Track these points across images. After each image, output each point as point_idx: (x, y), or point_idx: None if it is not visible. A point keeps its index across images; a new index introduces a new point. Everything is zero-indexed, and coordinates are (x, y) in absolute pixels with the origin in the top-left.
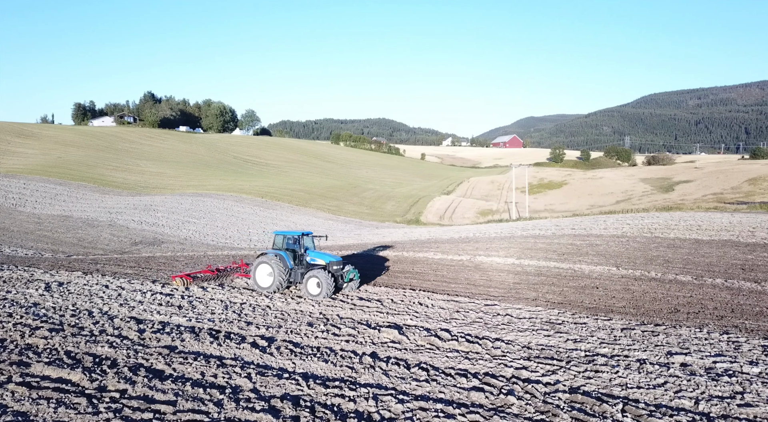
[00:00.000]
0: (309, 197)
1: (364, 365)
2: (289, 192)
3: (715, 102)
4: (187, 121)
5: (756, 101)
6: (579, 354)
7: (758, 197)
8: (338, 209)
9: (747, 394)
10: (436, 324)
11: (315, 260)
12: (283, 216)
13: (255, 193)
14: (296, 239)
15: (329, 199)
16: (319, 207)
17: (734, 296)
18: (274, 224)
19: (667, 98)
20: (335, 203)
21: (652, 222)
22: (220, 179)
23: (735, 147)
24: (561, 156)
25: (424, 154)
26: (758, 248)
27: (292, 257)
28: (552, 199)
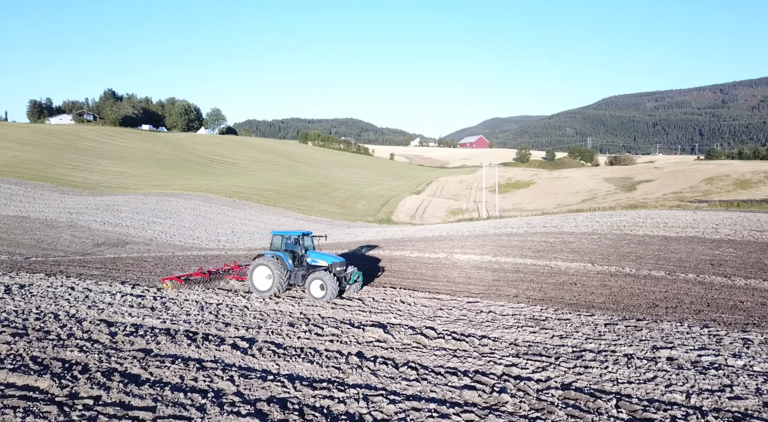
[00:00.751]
0: (278, 196)
1: (351, 365)
2: (257, 192)
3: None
4: (150, 119)
5: (709, 104)
6: (566, 350)
7: (715, 196)
8: (309, 209)
9: (736, 387)
10: (420, 322)
11: (316, 262)
12: (252, 216)
13: (222, 193)
14: (296, 239)
15: (299, 198)
16: (288, 207)
17: (707, 290)
18: (242, 224)
19: (626, 100)
20: (305, 203)
21: (620, 220)
22: (186, 179)
23: (690, 148)
24: (527, 156)
25: (393, 154)
26: (723, 244)
27: (292, 258)
28: (520, 198)
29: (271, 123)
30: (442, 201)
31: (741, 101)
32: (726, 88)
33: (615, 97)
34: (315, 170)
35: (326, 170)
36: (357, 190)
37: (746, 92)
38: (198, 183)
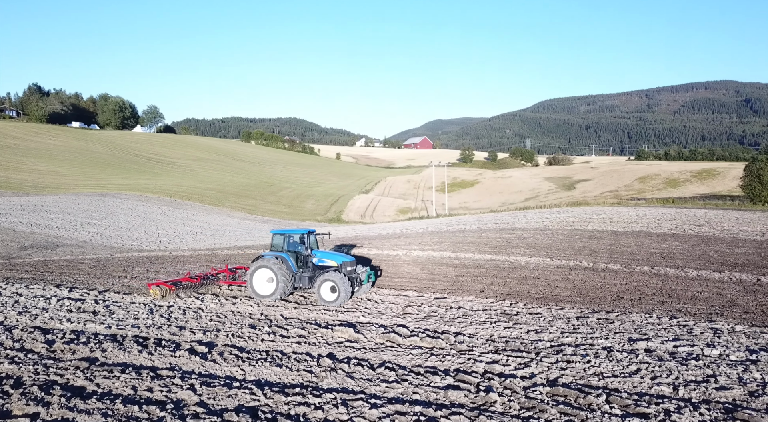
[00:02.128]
0: (222, 196)
1: (324, 368)
2: (199, 191)
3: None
4: (81, 116)
5: (636, 108)
6: (545, 344)
7: (648, 194)
8: (254, 209)
9: (719, 377)
10: (390, 319)
11: (324, 262)
12: (195, 216)
13: (162, 192)
14: (302, 238)
15: (244, 198)
16: (233, 206)
17: (664, 282)
18: (185, 224)
19: (560, 104)
20: (251, 202)
21: (568, 216)
22: (123, 178)
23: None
24: (470, 157)
25: (339, 153)
26: (669, 238)
27: (295, 259)
28: (466, 197)
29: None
30: (391, 200)
31: (664, 106)
32: (651, 94)
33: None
34: (259, 169)
35: (271, 170)
36: (304, 189)
37: (669, 98)
38: (135, 183)
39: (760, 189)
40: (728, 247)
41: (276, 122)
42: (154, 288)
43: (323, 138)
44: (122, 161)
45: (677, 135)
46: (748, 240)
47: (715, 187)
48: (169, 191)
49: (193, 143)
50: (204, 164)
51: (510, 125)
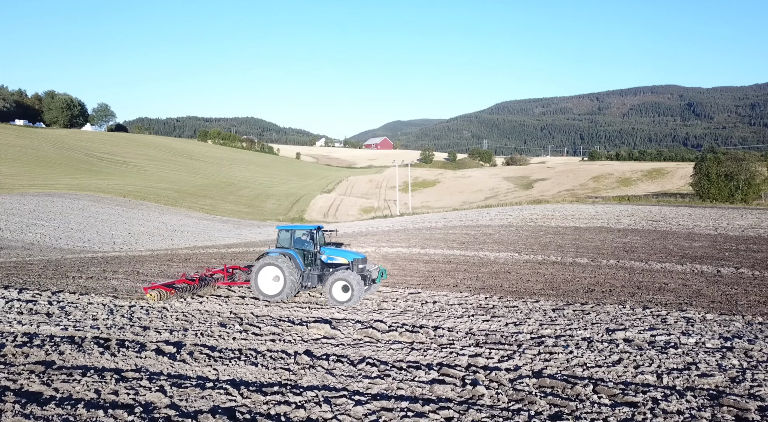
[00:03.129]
0: (179, 196)
1: (302, 365)
2: (155, 191)
3: (555, 111)
4: (26, 114)
5: (588, 111)
6: (525, 336)
7: (603, 192)
8: (213, 209)
9: (699, 365)
10: (366, 315)
11: (334, 259)
12: (151, 216)
13: (115, 192)
14: (312, 233)
15: (202, 198)
16: (191, 206)
17: (631, 274)
18: (140, 225)
19: (516, 106)
20: (209, 202)
21: (531, 213)
22: (72, 178)
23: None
24: (431, 157)
25: (299, 153)
26: (629, 233)
27: (303, 256)
28: (427, 196)
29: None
30: (353, 200)
31: (614, 109)
32: (601, 97)
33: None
34: (217, 169)
35: (229, 169)
36: (264, 189)
37: (618, 101)
38: (86, 182)
39: (709, 187)
40: (686, 241)
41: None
42: (151, 292)
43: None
44: (71, 161)
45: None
46: (703, 234)
47: (664, 185)
48: (123, 191)
49: (147, 142)
50: (159, 164)
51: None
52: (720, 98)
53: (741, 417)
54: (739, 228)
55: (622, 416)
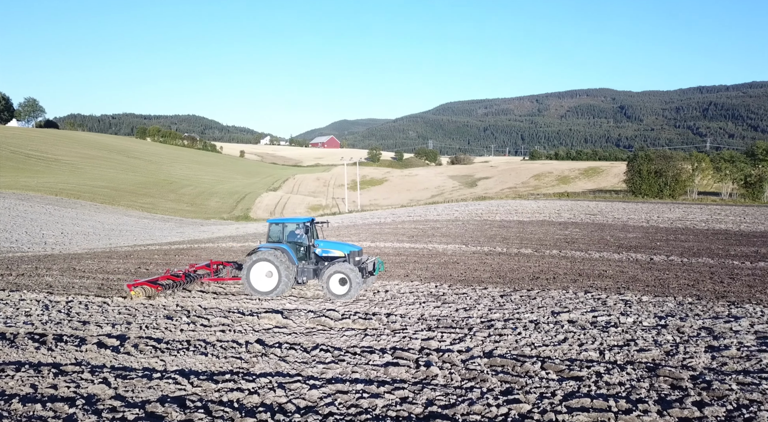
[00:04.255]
0: (116, 194)
1: (254, 354)
2: (90, 189)
3: (498, 112)
4: None
5: (528, 112)
6: (476, 321)
7: (544, 190)
8: (153, 207)
9: (638, 341)
10: (318, 305)
11: (329, 252)
12: (86, 216)
13: (46, 190)
14: (306, 227)
15: (141, 196)
16: (129, 205)
17: (573, 263)
18: (74, 224)
19: (460, 107)
20: (149, 201)
21: (476, 208)
22: None
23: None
24: (378, 156)
25: (243, 151)
26: (570, 226)
27: (296, 250)
28: (375, 194)
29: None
30: (301, 198)
31: (552, 110)
32: (541, 99)
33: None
34: (157, 167)
35: (170, 167)
36: (207, 187)
37: (556, 103)
38: (12, 180)
39: (641, 183)
40: (621, 232)
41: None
42: (136, 289)
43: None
44: None
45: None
46: (636, 226)
47: (600, 183)
48: (54, 189)
49: (80, 139)
50: (94, 162)
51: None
52: (648, 102)
53: (675, 385)
54: (669, 220)
55: (569, 389)
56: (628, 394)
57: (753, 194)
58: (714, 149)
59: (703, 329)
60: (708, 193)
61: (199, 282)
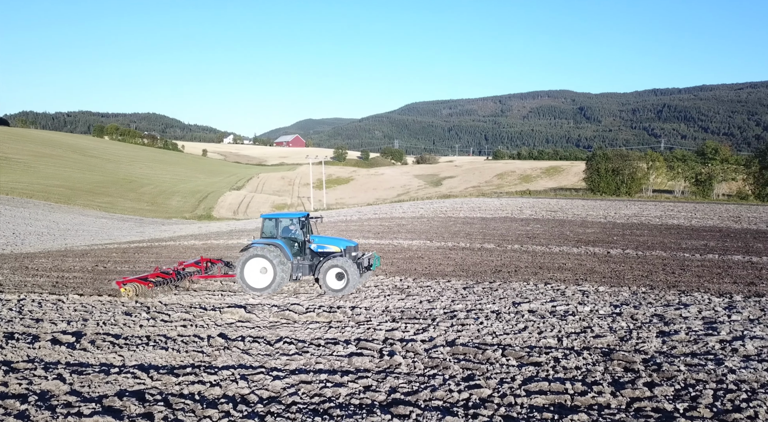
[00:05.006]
0: (72, 193)
1: (216, 347)
2: (43, 188)
3: (462, 112)
4: None
5: (491, 113)
6: (439, 311)
7: (507, 188)
8: (112, 207)
9: (594, 328)
10: (283, 299)
11: (325, 248)
12: (40, 215)
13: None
14: (302, 222)
15: (99, 195)
16: (86, 204)
17: (534, 257)
18: (27, 224)
19: (425, 107)
20: (107, 200)
21: (441, 206)
22: None
23: (478, 150)
24: (344, 155)
25: (205, 150)
26: (531, 222)
27: (290, 245)
28: (341, 193)
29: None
30: (265, 197)
31: (515, 111)
32: (504, 100)
33: (416, 104)
34: (115, 167)
35: (129, 167)
36: (168, 186)
37: (518, 104)
38: None
39: (599, 181)
40: (580, 228)
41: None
42: (126, 287)
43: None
44: None
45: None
46: (594, 222)
47: (561, 181)
48: (5, 188)
49: (33, 137)
50: (48, 161)
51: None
52: (606, 103)
53: (628, 368)
54: (625, 216)
55: (528, 374)
56: (584, 377)
57: (703, 192)
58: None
59: (655, 316)
60: (662, 191)
61: (189, 280)
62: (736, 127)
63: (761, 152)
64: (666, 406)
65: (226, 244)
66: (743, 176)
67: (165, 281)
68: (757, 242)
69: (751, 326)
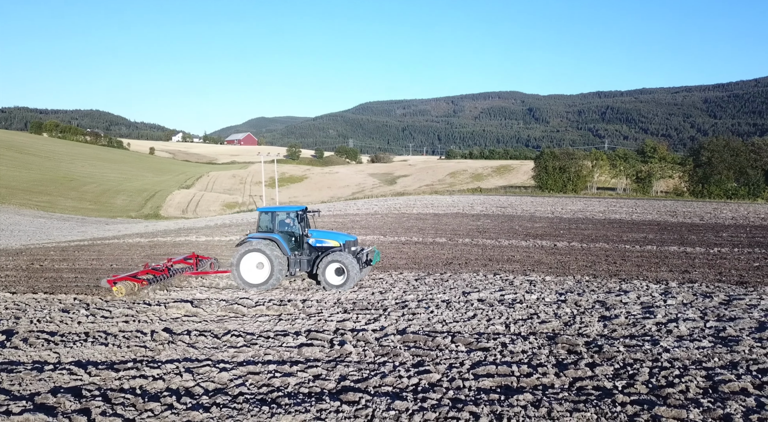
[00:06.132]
0: (6, 192)
1: (160, 342)
2: None
3: (415, 112)
4: None
5: (444, 113)
6: (390, 302)
7: (459, 186)
8: (51, 206)
9: (540, 314)
10: (231, 294)
11: (324, 242)
12: None
13: None
14: (300, 215)
15: (37, 194)
16: (22, 204)
17: (484, 250)
18: None
19: (379, 107)
20: (46, 199)
21: (395, 203)
22: None
23: (432, 150)
24: (297, 154)
25: (153, 148)
26: (481, 217)
27: (287, 240)
28: (295, 192)
29: None
30: (215, 195)
31: (467, 112)
32: (456, 100)
33: (370, 104)
34: (55, 165)
35: (70, 165)
36: (113, 185)
37: (470, 105)
38: None
39: (547, 179)
40: (529, 222)
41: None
42: (118, 285)
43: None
44: None
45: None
46: (542, 217)
47: (511, 180)
48: None
49: None
50: None
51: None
52: (554, 105)
53: (572, 350)
54: (571, 212)
55: (476, 359)
56: (530, 360)
57: (643, 189)
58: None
59: (597, 302)
60: (606, 188)
61: (180, 277)
62: (673, 128)
63: (695, 152)
64: (606, 384)
65: (174, 241)
66: (679, 174)
67: (157, 279)
68: (692, 235)
69: (685, 309)
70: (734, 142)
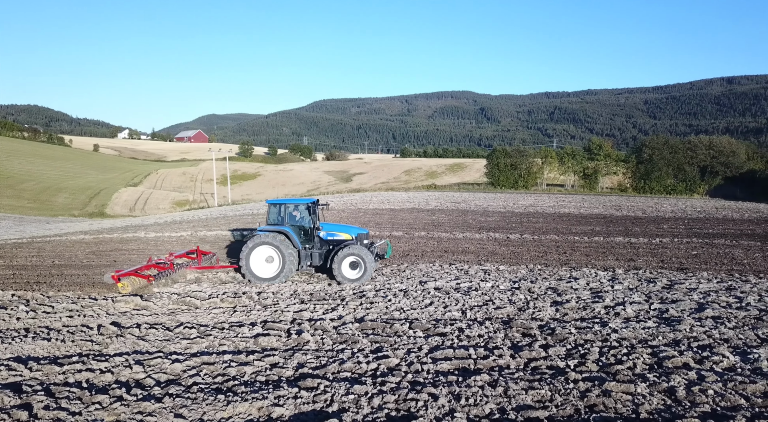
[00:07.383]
0: None
1: (108, 335)
2: None
3: (370, 111)
4: None
5: (399, 112)
6: (348, 293)
7: (414, 184)
8: None
9: (495, 301)
10: (184, 287)
11: (335, 235)
12: None
13: None
14: (310, 207)
15: None
16: None
17: (439, 242)
18: None
19: (333, 105)
20: None
21: (351, 199)
22: None
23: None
24: (250, 151)
25: (97, 145)
26: (436, 212)
27: (298, 233)
28: (248, 189)
29: None
30: (165, 193)
31: (421, 111)
32: (410, 99)
33: (324, 102)
34: None
35: (6, 162)
36: (54, 182)
37: (424, 104)
38: None
39: (499, 175)
40: (482, 216)
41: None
42: (123, 280)
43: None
44: None
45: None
46: (495, 211)
47: (464, 177)
48: None
49: None
50: None
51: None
52: (505, 105)
53: (526, 334)
54: (523, 206)
55: (434, 344)
56: (486, 344)
57: (590, 185)
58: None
59: (549, 289)
60: (555, 184)
61: (185, 271)
62: (616, 128)
63: (637, 150)
64: (559, 364)
65: (121, 238)
66: (623, 171)
67: (162, 274)
68: (635, 227)
69: (631, 293)
70: (673, 140)
